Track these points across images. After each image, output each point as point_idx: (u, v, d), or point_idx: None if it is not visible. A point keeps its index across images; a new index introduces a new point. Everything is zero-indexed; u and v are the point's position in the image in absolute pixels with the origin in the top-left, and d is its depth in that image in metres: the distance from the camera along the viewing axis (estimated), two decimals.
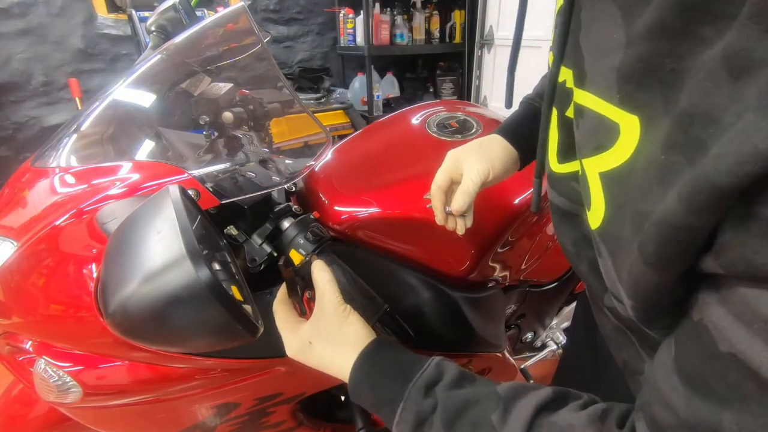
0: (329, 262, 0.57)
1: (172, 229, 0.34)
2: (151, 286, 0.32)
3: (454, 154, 0.56)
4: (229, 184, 0.58)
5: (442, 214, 0.56)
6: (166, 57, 0.65)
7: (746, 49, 0.17)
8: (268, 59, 0.63)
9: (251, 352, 0.60)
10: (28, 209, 0.54)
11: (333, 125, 2.48)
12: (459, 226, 0.57)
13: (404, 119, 0.89)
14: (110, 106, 0.62)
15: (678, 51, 0.21)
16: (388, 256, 0.69)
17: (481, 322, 0.74)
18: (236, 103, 0.66)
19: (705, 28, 0.19)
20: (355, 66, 2.98)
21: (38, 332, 0.56)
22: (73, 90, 2.00)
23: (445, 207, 0.56)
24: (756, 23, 0.17)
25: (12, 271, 0.52)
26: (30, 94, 2.16)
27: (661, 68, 0.21)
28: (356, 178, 0.74)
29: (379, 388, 0.42)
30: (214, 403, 0.66)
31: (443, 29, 2.83)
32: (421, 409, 0.38)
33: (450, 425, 0.37)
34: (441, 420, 0.37)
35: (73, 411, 0.62)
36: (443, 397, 0.38)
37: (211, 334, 0.35)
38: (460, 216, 0.56)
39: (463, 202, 0.53)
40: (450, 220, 0.57)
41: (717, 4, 0.19)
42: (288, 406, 0.73)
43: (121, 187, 0.53)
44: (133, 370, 0.56)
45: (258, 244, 0.58)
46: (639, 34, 0.22)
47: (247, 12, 0.61)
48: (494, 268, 0.75)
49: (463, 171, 0.55)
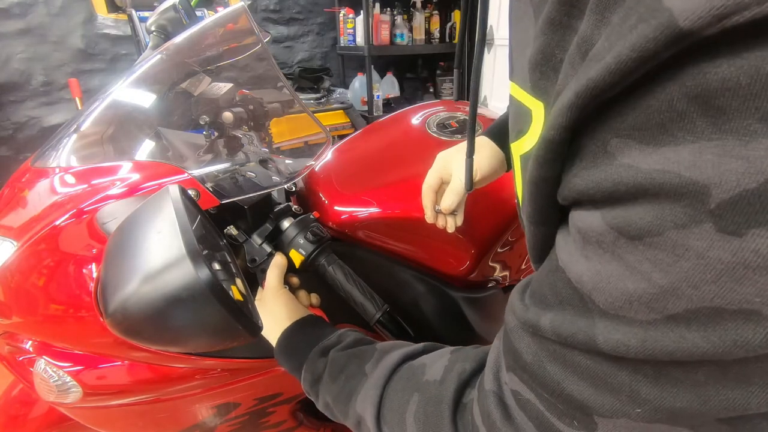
0: (329, 262, 0.57)
1: (172, 229, 0.34)
2: (151, 286, 0.32)
3: (443, 155, 0.60)
4: (229, 184, 0.58)
5: (432, 212, 0.60)
6: (166, 57, 0.65)
7: (589, 36, 0.20)
8: (268, 59, 0.63)
9: (251, 352, 0.60)
10: (28, 209, 0.54)
11: (333, 125, 2.48)
12: (449, 225, 0.60)
13: (404, 119, 0.89)
14: (110, 106, 0.62)
15: (563, 43, 0.23)
16: (388, 256, 0.69)
17: (481, 322, 0.74)
18: (236, 103, 0.66)
19: (578, 21, 0.22)
20: (355, 66, 2.98)
21: (38, 332, 0.56)
22: (73, 90, 2.00)
23: (435, 206, 0.60)
24: (595, 13, 0.19)
25: (12, 271, 0.52)
26: (30, 94, 2.16)
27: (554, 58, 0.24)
28: (356, 178, 0.74)
29: (293, 355, 0.49)
30: (214, 403, 0.66)
31: (443, 29, 2.83)
32: (315, 368, 0.45)
33: (334, 379, 0.43)
34: (328, 375, 0.44)
35: (73, 411, 0.62)
36: (333, 357, 0.45)
37: (211, 334, 0.35)
38: (450, 215, 0.60)
39: (452, 201, 0.57)
40: (440, 218, 0.61)
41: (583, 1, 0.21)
42: (288, 406, 0.73)
43: (121, 187, 0.53)
44: (133, 370, 0.56)
45: (258, 244, 0.58)
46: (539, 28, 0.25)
47: (247, 12, 0.61)
48: (494, 268, 0.75)
49: (452, 171, 0.58)
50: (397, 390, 0.38)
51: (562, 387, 0.24)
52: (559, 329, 0.23)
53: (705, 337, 0.18)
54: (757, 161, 0.15)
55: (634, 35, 0.16)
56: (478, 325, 0.74)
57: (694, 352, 0.18)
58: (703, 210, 0.16)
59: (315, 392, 0.45)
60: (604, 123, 0.19)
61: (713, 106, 0.15)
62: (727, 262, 0.16)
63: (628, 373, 0.21)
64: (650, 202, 0.18)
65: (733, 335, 0.17)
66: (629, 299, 0.19)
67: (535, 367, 0.25)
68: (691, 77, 0.16)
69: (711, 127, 0.16)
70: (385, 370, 0.39)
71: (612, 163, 0.19)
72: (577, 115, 0.19)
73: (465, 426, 0.32)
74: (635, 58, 0.16)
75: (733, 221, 0.16)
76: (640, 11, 0.16)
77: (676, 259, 0.17)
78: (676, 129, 0.17)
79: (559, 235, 0.25)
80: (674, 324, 0.18)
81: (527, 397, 0.27)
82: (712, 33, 0.14)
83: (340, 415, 0.43)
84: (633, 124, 0.18)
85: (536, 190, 0.24)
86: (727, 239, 0.16)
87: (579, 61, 0.21)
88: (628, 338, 0.20)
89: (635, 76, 0.17)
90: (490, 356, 0.32)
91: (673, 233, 0.17)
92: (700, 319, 0.18)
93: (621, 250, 0.19)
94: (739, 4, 0.14)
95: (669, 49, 0.16)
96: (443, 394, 0.34)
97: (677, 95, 0.16)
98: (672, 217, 0.17)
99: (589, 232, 0.21)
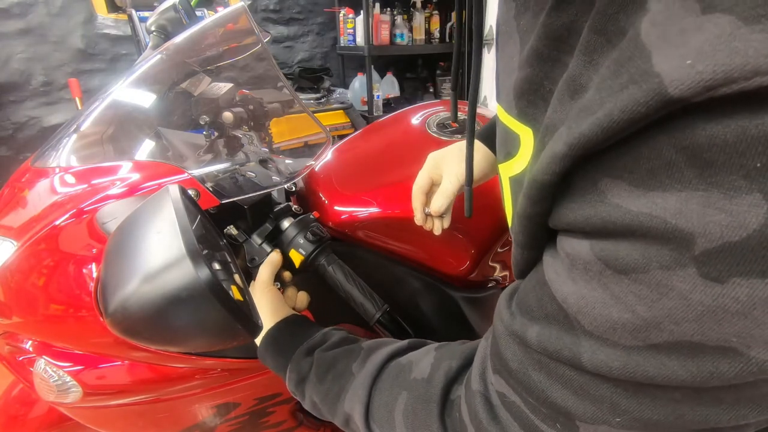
0: (329, 262, 0.57)
1: (172, 228, 0.34)
2: (151, 286, 0.32)
3: (434, 156, 0.60)
4: (229, 183, 0.58)
5: (421, 214, 0.59)
6: (166, 57, 0.65)
7: (577, 75, 0.21)
8: (268, 59, 0.63)
9: (251, 352, 0.60)
10: (28, 209, 0.54)
11: (333, 125, 2.47)
12: (436, 227, 0.60)
13: (404, 119, 0.89)
14: (110, 106, 0.62)
15: (552, 74, 0.25)
16: (388, 256, 0.69)
17: (481, 322, 0.74)
18: (236, 103, 0.66)
19: (567, 56, 0.23)
20: (355, 66, 2.98)
21: (38, 332, 0.56)
22: (73, 90, 2.00)
23: (424, 208, 0.59)
24: (584, 54, 0.21)
25: (12, 271, 0.52)
26: (30, 94, 2.16)
27: (542, 88, 0.26)
28: (356, 178, 0.74)
29: (277, 355, 0.49)
30: (214, 403, 0.66)
31: (443, 29, 2.83)
32: (301, 369, 0.45)
33: (321, 379, 0.43)
34: (315, 375, 0.44)
35: (73, 411, 0.62)
36: (318, 357, 0.45)
37: (211, 333, 0.35)
38: (438, 217, 0.59)
39: (441, 204, 0.57)
40: (428, 220, 0.60)
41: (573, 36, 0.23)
42: (288, 405, 0.73)
43: (121, 187, 0.53)
44: (133, 370, 0.56)
45: (258, 244, 0.58)
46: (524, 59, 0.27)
47: (247, 12, 0.61)
48: (494, 268, 0.75)
49: (443, 173, 0.58)
50: (385, 388, 0.38)
51: (546, 394, 0.25)
52: (545, 343, 0.24)
53: (684, 367, 0.19)
54: (740, 216, 0.16)
55: (624, 96, 0.17)
56: (477, 325, 0.74)
57: (673, 378, 0.19)
58: (687, 255, 0.17)
59: (300, 392, 0.45)
60: (596, 165, 0.20)
61: (701, 159, 0.16)
62: (708, 305, 0.17)
63: (609, 387, 0.22)
64: (638, 242, 0.19)
65: (710, 367, 0.18)
66: (613, 326, 0.21)
67: (521, 374, 0.27)
68: (679, 131, 0.17)
69: (697, 178, 0.16)
70: (372, 369, 0.40)
71: (602, 201, 0.20)
72: (571, 163, 0.20)
73: (453, 423, 0.33)
74: (626, 120, 0.17)
75: (716, 269, 0.17)
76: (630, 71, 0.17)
77: (659, 297, 0.18)
78: (664, 176, 0.17)
79: (547, 253, 0.26)
80: (656, 352, 0.20)
81: (512, 399, 0.28)
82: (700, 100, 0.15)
83: (328, 415, 0.43)
84: (624, 167, 0.19)
85: (528, 223, 0.26)
86: (710, 285, 0.17)
87: (568, 98, 0.22)
88: (611, 360, 0.21)
89: (626, 133, 0.18)
90: (477, 356, 0.33)
91: (657, 273, 0.18)
92: (681, 350, 0.19)
93: (607, 280, 0.20)
94: (727, 78, 0.14)
95: (659, 113, 0.16)
96: (431, 392, 0.34)
97: (666, 145, 0.17)
98: (658, 258, 0.18)
99: (576, 258, 0.22)
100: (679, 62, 0.15)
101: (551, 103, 0.24)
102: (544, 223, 0.25)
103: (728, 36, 0.14)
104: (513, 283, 0.32)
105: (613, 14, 0.19)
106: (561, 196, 0.23)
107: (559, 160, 0.20)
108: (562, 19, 0.23)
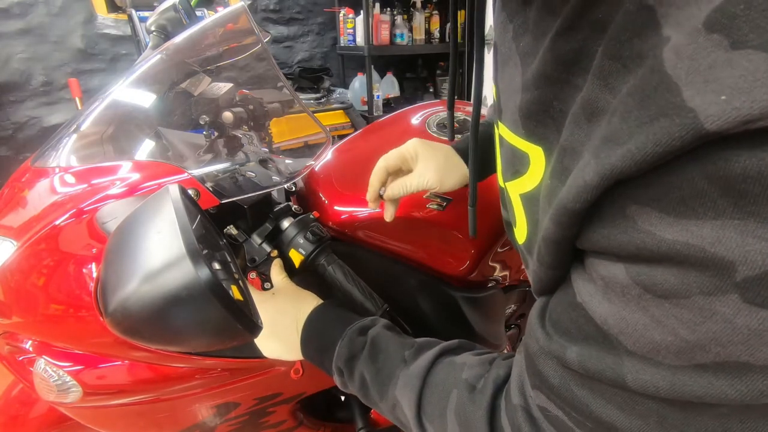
0: (329, 262, 0.57)
1: (171, 228, 0.34)
2: (151, 286, 0.32)
3: (417, 142, 0.57)
4: (229, 183, 0.58)
5: (375, 192, 0.57)
6: (166, 57, 0.65)
7: (593, 99, 0.22)
8: (268, 59, 0.63)
9: (251, 352, 0.60)
10: (28, 209, 0.54)
11: (333, 125, 2.47)
12: (388, 213, 0.58)
13: (404, 119, 0.89)
14: (110, 106, 0.62)
15: (562, 95, 0.25)
16: (387, 255, 0.69)
17: (481, 322, 0.74)
18: (236, 103, 0.66)
19: (578, 78, 0.24)
20: (355, 66, 2.98)
21: (38, 332, 0.56)
22: (73, 90, 2.00)
23: (381, 186, 0.57)
24: (599, 78, 0.21)
25: (12, 271, 0.52)
26: (30, 94, 2.16)
27: (552, 108, 0.26)
28: (356, 178, 0.74)
29: (325, 334, 0.49)
30: (214, 403, 0.66)
31: (443, 29, 2.83)
32: (354, 345, 0.46)
33: (373, 359, 0.44)
34: (367, 354, 0.45)
35: (73, 411, 0.62)
36: (372, 336, 0.46)
37: (211, 333, 0.35)
38: (389, 203, 0.57)
39: (398, 193, 0.55)
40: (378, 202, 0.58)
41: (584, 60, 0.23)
42: (288, 405, 0.73)
43: (121, 187, 0.53)
44: (133, 370, 0.56)
45: (258, 244, 0.58)
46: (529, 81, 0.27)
47: (247, 12, 0.61)
48: (494, 268, 0.75)
49: (416, 167, 0.56)
50: (438, 383, 0.39)
51: (590, 409, 0.25)
52: (586, 364, 0.25)
53: (732, 386, 0.19)
54: None
55: (656, 129, 0.18)
56: (477, 324, 0.74)
57: (721, 397, 0.19)
58: (729, 282, 0.18)
59: (349, 369, 0.46)
60: (623, 192, 0.21)
61: (735, 189, 0.17)
62: (755, 329, 0.18)
63: (656, 402, 0.22)
64: (674, 268, 0.19)
65: (760, 386, 0.19)
66: (656, 347, 0.21)
67: (563, 390, 0.27)
68: (711, 162, 0.17)
69: (732, 207, 0.17)
70: (426, 361, 0.40)
71: (634, 227, 0.20)
72: (602, 192, 0.21)
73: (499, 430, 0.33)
74: (660, 153, 0.18)
75: (760, 294, 0.17)
76: (659, 103, 0.18)
77: (703, 320, 0.19)
78: (696, 205, 0.18)
79: (575, 273, 0.27)
80: (702, 371, 0.20)
81: (555, 413, 0.28)
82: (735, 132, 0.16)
83: (376, 394, 0.44)
84: (653, 195, 0.19)
85: (557, 248, 0.26)
86: (754, 309, 0.17)
87: (585, 121, 0.23)
88: (656, 380, 0.21)
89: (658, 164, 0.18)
90: (514, 371, 0.33)
91: (699, 298, 0.19)
92: (728, 370, 0.19)
93: (646, 303, 0.21)
94: (763, 111, 0.15)
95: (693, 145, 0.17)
96: (481, 400, 0.35)
97: (698, 176, 0.17)
98: (698, 284, 0.18)
99: (612, 281, 0.22)
100: (713, 98, 0.16)
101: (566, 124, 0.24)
102: (570, 247, 0.26)
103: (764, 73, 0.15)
104: (538, 302, 0.32)
105: (627, 40, 0.20)
106: (590, 221, 0.23)
107: (591, 189, 0.21)
108: (571, 44, 0.24)
